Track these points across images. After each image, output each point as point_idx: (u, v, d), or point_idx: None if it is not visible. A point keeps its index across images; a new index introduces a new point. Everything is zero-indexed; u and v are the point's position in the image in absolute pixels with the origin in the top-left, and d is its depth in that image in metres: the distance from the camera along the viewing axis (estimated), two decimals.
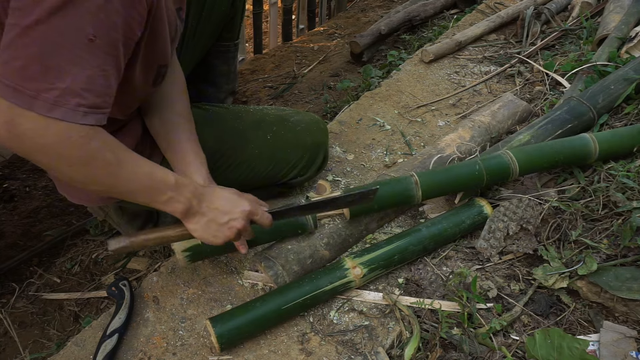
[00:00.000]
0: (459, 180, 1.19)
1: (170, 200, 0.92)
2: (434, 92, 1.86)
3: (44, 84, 0.73)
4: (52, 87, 0.73)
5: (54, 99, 0.73)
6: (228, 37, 1.65)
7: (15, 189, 1.89)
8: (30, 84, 0.72)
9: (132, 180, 0.88)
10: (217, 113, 1.30)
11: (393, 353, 1.03)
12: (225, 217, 0.97)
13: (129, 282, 1.15)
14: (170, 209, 0.93)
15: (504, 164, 1.20)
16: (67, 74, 0.74)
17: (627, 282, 1.01)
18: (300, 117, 1.37)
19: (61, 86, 0.74)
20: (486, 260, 1.18)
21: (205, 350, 1.05)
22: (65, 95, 0.74)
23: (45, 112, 0.73)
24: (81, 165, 0.81)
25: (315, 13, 3.52)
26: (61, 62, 0.74)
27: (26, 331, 1.37)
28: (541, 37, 2.08)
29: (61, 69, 0.74)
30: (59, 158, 0.79)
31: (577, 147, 1.26)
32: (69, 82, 0.74)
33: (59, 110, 0.74)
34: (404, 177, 1.18)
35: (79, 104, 0.76)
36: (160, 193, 0.92)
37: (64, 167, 0.81)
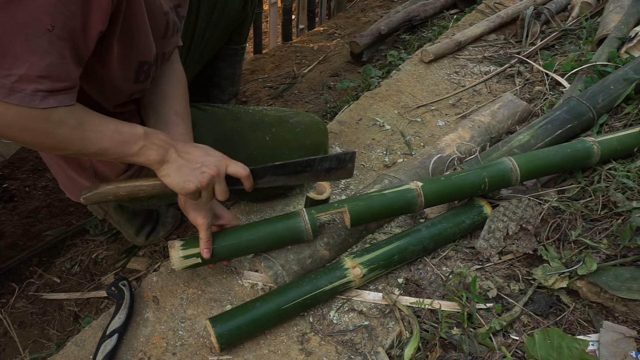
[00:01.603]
0: (461, 189, 1.18)
1: (143, 149, 0.93)
2: (433, 92, 1.86)
3: (0, 71, 0.75)
4: (9, 74, 0.75)
5: (11, 85, 0.76)
6: (236, 41, 1.65)
7: (15, 189, 1.90)
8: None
9: (100, 139, 0.89)
10: (216, 113, 1.30)
11: (393, 353, 1.03)
12: (198, 162, 0.97)
13: (128, 282, 1.15)
14: (144, 158, 0.94)
15: (506, 172, 1.18)
16: (25, 61, 0.76)
17: (626, 282, 1.01)
18: (299, 118, 1.36)
19: (17, 73, 0.76)
20: (486, 260, 1.18)
21: (205, 350, 1.05)
22: (22, 82, 0.76)
23: (2, 97, 0.76)
24: (45, 136, 0.83)
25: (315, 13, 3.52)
26: (18, 50, 0.75)
27: (26, 331, 1.37)
28: (541, 37, 2.08)
29: (18, 57, 0.76)
30: (23, 132, 0.82)
31: (580, 154, 1.25)
32: (25, 69, 0.76)
33: (16, 95, 0.76)
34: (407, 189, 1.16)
35: (37, 90, 0.78)
36: (131, 144, 0.92)
37: (30, 139, 0.85)
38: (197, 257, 1.08)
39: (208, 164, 0.98)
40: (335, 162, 1.06)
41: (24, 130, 0.82)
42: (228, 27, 1.54)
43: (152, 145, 0.94)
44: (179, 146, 0.98)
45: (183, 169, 0.96)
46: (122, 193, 0.98)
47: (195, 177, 0.96)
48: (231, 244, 1.10)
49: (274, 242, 1.13)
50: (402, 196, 1.14)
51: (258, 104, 2.42)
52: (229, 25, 1.53)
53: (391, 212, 1.17)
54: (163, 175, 0.97)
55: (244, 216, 1.36)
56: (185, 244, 1.08)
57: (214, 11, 1.44)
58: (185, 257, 1.07)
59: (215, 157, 1.00)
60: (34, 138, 0.84)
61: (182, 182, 0.96)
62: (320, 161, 1.05)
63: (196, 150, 0.99)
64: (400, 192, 1.15)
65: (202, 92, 1.72)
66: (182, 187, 0.97)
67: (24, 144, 0.92)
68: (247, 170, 1.02)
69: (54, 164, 1.17)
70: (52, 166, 1.19)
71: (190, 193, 0.98)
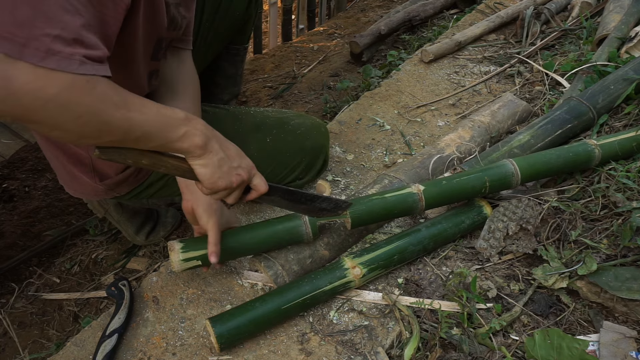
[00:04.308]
0: (463, 193, 1.18)
1: (187, 134, 0.85)
2: (433, 92, 1.86)
3: (34, 30, 0.66)
4: (44, 33, 0.67)
5: (47, 46, 0.67)
6: (239, 41, 1.66)
7: (14, 189, 1.89)
8: (20, 31, 0.66)
9: (144, 120, 0.80)
10: (217, 114, 1.30)
11: (393, 353, 1.03)
12: (237, 161, 0.92)
13: (128, 282, 1.15)
14: (188, 144, 0.86)
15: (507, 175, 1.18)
16: (58, 21, 0.68)
17: (626, 282, 1.01)
18: (301, 120, 1.36)
19: (53, 32, 0.67)
20: (486, 260, 1.18)
21: (205, 350, 1.05)
22: (58, 43, 0.68)
23: (37, 60, 0.66)
24: (90, 114, 0.72)
25: (315, 13, 3.52)
26: (51, 7, 0.68)
27: (25, 331, 1.37)
28: (541, 37, 2.08)
29: (51, 16, 0.67)
30: (64, 111, 0.70)
31: (581, 158, 1.25)
32: (59, 29, 0.68)
33: (53, 58, 0.67)
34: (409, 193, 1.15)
35: (73, 53, 0.69)
36: (174, 128, 0.84)
37: (72, 122, 0.72)
38: (197, 259, 1.08)
39: (243, 166, 0.94)
40: (333, 205, 1.08)
41: (65, 110, 0.70)
42: (231, 27, 1.54)
43: (195, 130, 0.86)
44: (218, 136, 0.91)
45: (222, 163, 0.90)
46: (145, 161, 0.87)
47: (230, 176, 0.91)
48: (232, 247, 1.10)
49: (274, 244, 1.14)
50: (403, 200, 1.14)
51: (258, 104, 2.42)
52: (232, 25, 1.53)
53: (392, 215, 1.17)
54: (200, 164, 0.89)
55: (244, 216, 1.36)
56: (185, 246, 1.08)
57: (218, 11, 1.44)
58: (186, 260, 1.07)
59: (249, 161, 0.96)
60: (76, 119, 0.72)
61: (216, 178, 0.90)
62: (322, 200, 1.06)
63: (233, 147, 0.94)
64: (401, 196, 1.15)
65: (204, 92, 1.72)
66: (214, 182, 0.90)
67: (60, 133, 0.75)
68: (267, 187, 0.98)
69: (54, 159, 1.17)
70: (52, 160, 1.19)
71: (218, 190, 0.92)
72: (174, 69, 1.13)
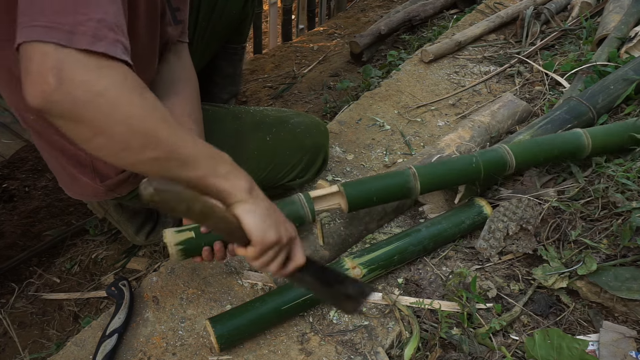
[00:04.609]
0: (457, 172, 1.18)
1: (230, 174, 0.78)
2: (433, 92, 1.86)
3: (78, 16, 0.64)
4: (88, 18, 0.64)
5: (94, 31, 0.64)
6: (236, 40, 1.66)
7: (14, 189, 1.89)
8: (64, 18, 0.63)
9: (193, 143, 0.74)
10: (216, 113, 1.30)
11: (393, 353, 1.03)
12: (282, 217, 0.85)
13: (128, 282, 1.15)
14: (231, 184, 0.77)
15: (500, 156, 1.21)
16: (98, 5, 0.66)
17: (626, 282, 1.02)
18: (300, 119, 1.36)
19: (96, 17, 0.65)
20: (486, 260, 1.18)
21: (205, 350, 1.05)
22: (102, 28, 0.65)
23: (87, 45, 0.63)
24: (139, 118, 0.68)
25: (315, 13, 3.52)
26: None
27: (26, 331, 1.37)
28: (541, 37, 2.08)
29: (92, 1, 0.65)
30: (115, 109, 0.65)
31: (571, 142, 1.27)
32: (102, 13, 0.66)
33: (101, 43, 0.64)
34: (402, 170, 1.17)
35: (116, 40, 0.66)
36: (221, 162, 0.78)
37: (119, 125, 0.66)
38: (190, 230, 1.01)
39: (288, 227, 0.85)
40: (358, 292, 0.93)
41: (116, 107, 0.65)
42: (228, 26, 1.54)
43: (239, 172, 0.80)
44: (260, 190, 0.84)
45: (271, 214, 0.82)
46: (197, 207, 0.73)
47: (280, 230, 0.82)
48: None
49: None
50: (396, 175, 1.15)
51: (258, 104, 2.42)
52: (229, 23, 1.53)
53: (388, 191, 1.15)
54: (248, 209, 0.79)
55: None
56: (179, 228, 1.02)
57: (214, 9, 1.44)
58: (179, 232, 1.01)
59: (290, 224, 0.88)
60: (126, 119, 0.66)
61: (267, 226, 0.80)
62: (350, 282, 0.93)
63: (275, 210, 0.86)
64: (395, 173, 1.16)
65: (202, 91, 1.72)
66: (264, 232, 0.80)
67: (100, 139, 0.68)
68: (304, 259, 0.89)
69: (53, 160, 1.16)
70: (51, 162, 1.17)
71: (269, 245, 0.81)
72: (172, 65, 1.12)
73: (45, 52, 0.62)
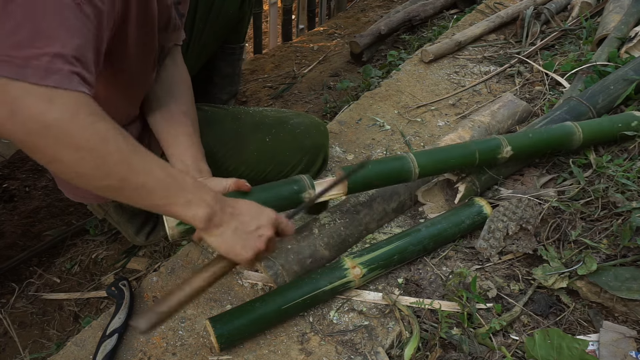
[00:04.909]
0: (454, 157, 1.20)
1: (190, 203, 0.79)
2: (433, 92, 1.86)
3: (33, 50, 0.65)
4: (43, 53, 0.66)
5: (46, 65, 0.66)
6: (234, 40, 1.66)
7: (15, 189, 1.90)
8: (19, 52, 0.65)
9: (147, 172, 0.75)
10: (216, 114, 1.30)
11: (393, 353, 1.03)
12: (254, 224, 0.86)
13: (128, 282, 1.15)
14: (191, 214, 0.80)
15: (495, 143, 1.23)
16: (57, 39, 0.67)
17: (626, 282, 1.02)
18: (300, 119, 1.36)
19: (51, 51, 0.66)
20: (486, 260, 1.18)
21: (205, 350, 1.05)
22: (57, 61, 0.66)
23: (38, 79, 0.65)
24: (89, 150, 0.69)
25: (315, 13, 3.52)
26: (50, 26, 0.67)
27: (26, 331, 1.37)
28: (541, 37, 2.08)
29: (50, 34, 0.67)
30: (65, 138, 0.67)
31: (563, 133, 1.30)
32: (59, 47, 0.67)
33: (53, 77, 0.66)
34: (400, 155, 1.19)
35: (72, 72, 0.68)
36: (179, 192, 0.79)
37: (71, 154, 0.69)
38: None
39: (263, 224, 0.87)
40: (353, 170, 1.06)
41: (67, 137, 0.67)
42: (226, 26, 1.54)
43: (200, 201, 0.80)
44: (228, 202, 0.86)
45: (238, 233, 0.84)
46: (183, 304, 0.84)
47: (253, 243, 0.85)
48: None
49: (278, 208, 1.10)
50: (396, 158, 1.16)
51: (258, 104, 2.42)
52: (226, 23, 1.53)
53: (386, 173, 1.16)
54: (214, 242, 0.84)
55: None
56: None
57: (211, 10, 1.44)
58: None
59: (268, 214, 0.89)
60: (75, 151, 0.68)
61: (239, 249, 0.84)
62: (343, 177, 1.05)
63: (246, 207, 0.87)
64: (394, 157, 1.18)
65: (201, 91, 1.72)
66: (238, 255, 0.84)
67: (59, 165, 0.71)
68: (294, 227, 0.94)
69: None
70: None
71: (246, 259, 0.85)
72: (169, 69, 1.13)
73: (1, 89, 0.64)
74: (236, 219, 0.85)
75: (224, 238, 0.83)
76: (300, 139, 1.33)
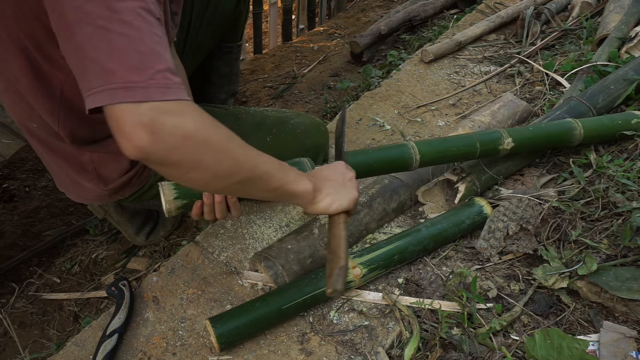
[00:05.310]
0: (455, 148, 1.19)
1: (297, 179, 0.86)
2: (433, 92, 1.86)
3: (147, 71, 0.68)
4: (156, 71, 0.68)
5: (163, 81, 0.69)
6: (231, 38, 1.65)
7: (15, 189, 1.89)
8: (136, 76, 0.67)
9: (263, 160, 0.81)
10: (216, 114, 1.29)
11: (393, 353, 1.03)
12: (340, 177, 0.94)
13: (128, 282, 1.15)
14: (302, 188, 0.87)
15: (496, 134, 1.23)
16: (160, 55, 0.70)
17: (627, 282, 1.01)
18: (300, 119, 1.37)
19: (162, 67, 0.69)
20: (486, 260, 1.18)
21: (205, 350, 1.05)
22: (168, 75, 0.69)
23: (161, 97, 0.67)
24: (224, 150, 0.74)
25: (315, 13, 3.52)
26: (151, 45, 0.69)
27: (26, 331, 1.37)
28: (541, 37, 2.08)
29: (154, 52, 0.70)
30: (204, 145, 0.71)
31: (563, 128, 1.31)
32: (164, 63, 0.70)
33: (171, 91, 0.69)
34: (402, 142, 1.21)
35: (179, 83, 0.71)
36: (287, 171, 0.85)
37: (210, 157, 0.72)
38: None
39: (344, 173, 0.96)
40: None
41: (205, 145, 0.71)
42: (222, 25, 1.54)
43: (301, 176, 0.87)
44: (312, 172, 0.95)
45: (337, 188, 0.93)
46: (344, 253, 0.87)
47: (350, 190, 0.94)
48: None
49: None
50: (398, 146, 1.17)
51: (258, 104, 2.42)
52: (223, 22, 1.53)
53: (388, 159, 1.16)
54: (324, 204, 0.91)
55: (244, 216, 1.36)
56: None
57: (208, 8, 1.44)
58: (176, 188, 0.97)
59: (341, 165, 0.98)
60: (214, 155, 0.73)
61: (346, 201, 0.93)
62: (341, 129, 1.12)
63: (324, 169, 0.96)
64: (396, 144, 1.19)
65: (199, 91, 1.72)
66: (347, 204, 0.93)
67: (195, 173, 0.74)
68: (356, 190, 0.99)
69: (54, 166, 1.16)
70: (52, 167, 1.17)
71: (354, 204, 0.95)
72: None
73: (130, 112, 0.66)
74: (328, 180, 0.93)
75: (331, 197, 0.91)
76: (301, 138, 1.33)
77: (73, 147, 1.05)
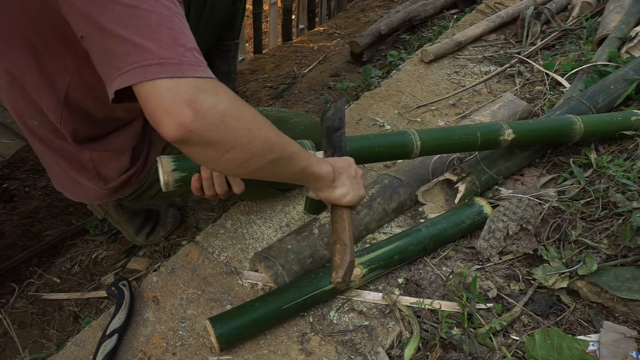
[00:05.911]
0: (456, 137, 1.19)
1: (319, 161, 0.87)
2: (433, 92, 1.86)
3: (178, 48, 0.67)
4: (186, 49, 0.68)
5: (194, 59, 0.68)
6: (228, 37, 1.65)
7: (15, 189, 1.89)
8: (169, 52, 0.66)
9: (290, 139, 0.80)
10: None
11: (393, 353, 1.03)
12: (352, 171, 0.95)
13: (128, 282, 1.15)
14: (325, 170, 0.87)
15: (496, 126, 1.23)
16: (188, 35, 0.70)
17: (627, 282, 1.01)
18: (300, 119, 1.37)
19: (191, 46, 0.69)
20: (486, 260, 1.18)
21: (205, 350, 1.05)
22: (197, 54, 0.69)
23: (194, 73, 0.66)
24: (258, 127, 0.73)
25: (315, 13, 3.52)
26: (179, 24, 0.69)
27: (26, 331, 1.37)
28: (541, 37, 2.08)
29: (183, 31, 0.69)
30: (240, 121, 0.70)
31: (563, 123, 1.31)
32: (192, 42, 0.69)
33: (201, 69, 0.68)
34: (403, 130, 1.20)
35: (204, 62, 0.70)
36: (309, 154, 0.85)
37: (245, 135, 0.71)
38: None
39: (355, 168, 0.96)
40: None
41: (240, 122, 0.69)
42: (219, 23, 1.54)
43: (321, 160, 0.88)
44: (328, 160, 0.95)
45: (350, 180, 0.93)
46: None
47: (361, 185, 0.95)
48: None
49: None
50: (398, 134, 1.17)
51: (258, 104, 2.42)
52: (220, 21, 1.53)
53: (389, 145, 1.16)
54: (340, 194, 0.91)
55: (244, 216, 1.36)
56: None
57: (205, 6, 1.44)
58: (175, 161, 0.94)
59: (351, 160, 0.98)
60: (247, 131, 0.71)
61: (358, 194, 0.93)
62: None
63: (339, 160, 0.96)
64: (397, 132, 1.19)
65: None
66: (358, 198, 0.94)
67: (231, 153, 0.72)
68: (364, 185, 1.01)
69: (53, 165, 1.16)
70: (51, 167, 1.17)
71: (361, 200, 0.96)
72: None
73: (170, 88, 0.64)
74: (343, 171, 0.93)
75: (346, 187, 0.91)
76: (301, 138, 1.33)
77: (73, 145, 1.05)
